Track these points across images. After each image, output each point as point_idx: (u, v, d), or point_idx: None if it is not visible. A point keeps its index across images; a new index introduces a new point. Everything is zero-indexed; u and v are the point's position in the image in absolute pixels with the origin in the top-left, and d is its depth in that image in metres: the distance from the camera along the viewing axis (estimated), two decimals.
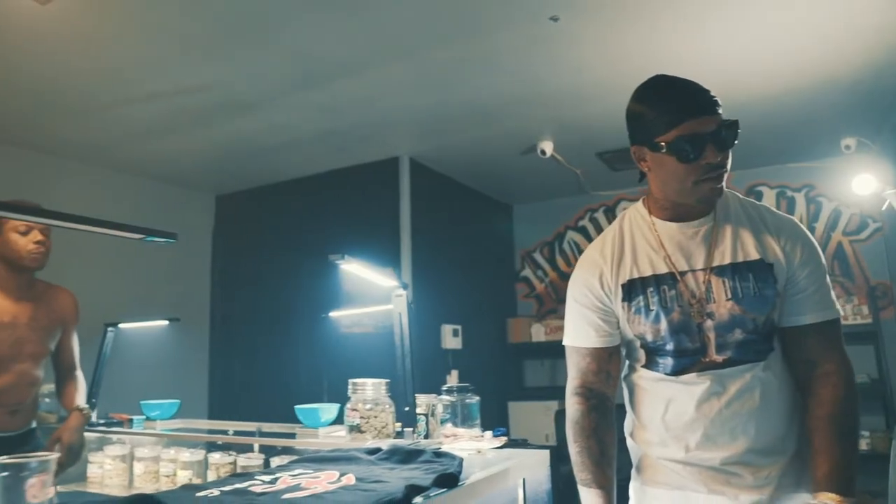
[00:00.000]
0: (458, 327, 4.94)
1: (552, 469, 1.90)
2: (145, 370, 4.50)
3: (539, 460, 1.86)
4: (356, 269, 2.14)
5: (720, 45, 3.19)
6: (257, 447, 2.52)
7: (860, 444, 2.59)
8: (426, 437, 2.21)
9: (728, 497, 1.35)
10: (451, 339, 4.83)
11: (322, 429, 2.44)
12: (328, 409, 2.49)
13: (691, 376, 1.37)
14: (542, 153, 4.50)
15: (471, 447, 1.86)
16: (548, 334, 5.52)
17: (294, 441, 2.45)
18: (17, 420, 2.37)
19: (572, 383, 1.50)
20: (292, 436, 2.50)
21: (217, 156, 4.66)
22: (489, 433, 2.04)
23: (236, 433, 2.73)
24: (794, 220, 1.43)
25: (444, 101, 3.84)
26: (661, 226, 1.43)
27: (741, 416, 1.34)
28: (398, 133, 4.35)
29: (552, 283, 5.97)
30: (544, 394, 5.39)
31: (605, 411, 1.47)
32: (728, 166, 1.32)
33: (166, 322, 3.49)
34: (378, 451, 1.61)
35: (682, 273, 1.39)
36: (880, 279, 4.76)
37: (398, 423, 2.28)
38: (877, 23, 2.99)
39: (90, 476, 2.70)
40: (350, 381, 2.24)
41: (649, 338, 1.40)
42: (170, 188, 5.24)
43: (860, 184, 4.33)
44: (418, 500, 1.19)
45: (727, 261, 1.37)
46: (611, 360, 1.48)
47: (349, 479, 1.34)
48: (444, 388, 2.18)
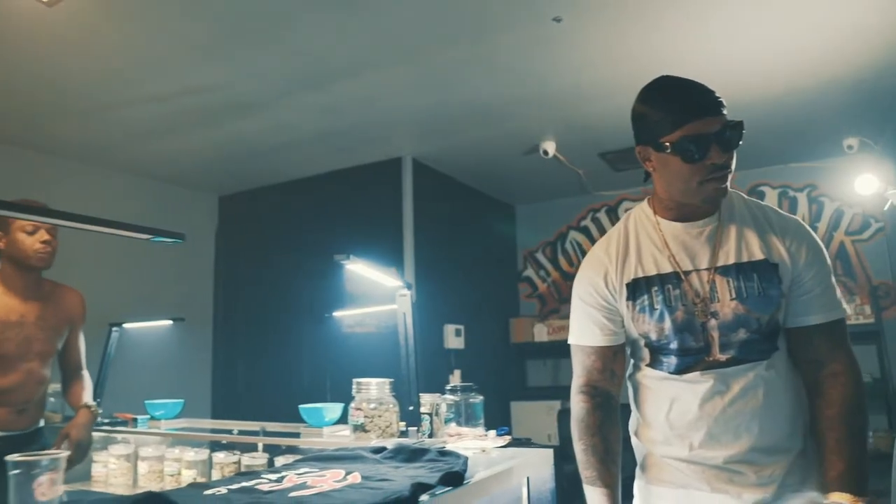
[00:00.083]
0: (461, 327, 4.94)
1: (556, 468, 1.91)
2: (149, 370, 4.52)
3: (543, 459, 1.87)
4: (361, 269, 2.15)
5: (722, 45, 3.19)
6: (261, 446, 2.53)
7: None
8: (430, 436, 2.21)
9: (731, 496, 1.35)
10: (453, 338, 4.84)
11: (326, 428, 2.44)
12: (332, 409, 2.50)
13: (695, 375, 1.37)
14: (545, 153, 4.50)
15: (475, 446, 1.87)
16: (550, 334, 5.51)
17: (298, 440, 2.46)
18: (25, 419, 2.37)
19: (577, 381, 1.51)
20: (297, 435, 2.50)
21: (220, 156, 4.67)
22: (493, 432, 2.04)
23: (240, 433, 2.73)
24: (800, 220, 1.43)
25: (447, 102, 3.84)
26: (666, 225, 1.44)
27: (744, 415, 1.34)
28: (401, 133, 4.36)
29: (554, 283, 5.97)
30: (547, 394, 5.39)
31: (610, 409, 1.48)
32: (733, 167, 1.33)
33: (170, 322, 3.50)
34: (383, 449, 1.61)
35: (687, 272, 1.39)
36: (883, 279, 4.76)
37: (402, 423, 2.29)
38: (879, 23, 2.99)
39: (95, 475, 2.71)
40: (354, 380, 2.25)
41: (653, 337, 1.40)
42: (173, 189, 5.24)
43: (863, 184, 4.33)
44: (425, 497, 1.20)
45: (731, 261, 1.37)
46: (615, 359, 1.49)
47: (355, 478, 1.35)
48: (448, 387, 2.19)
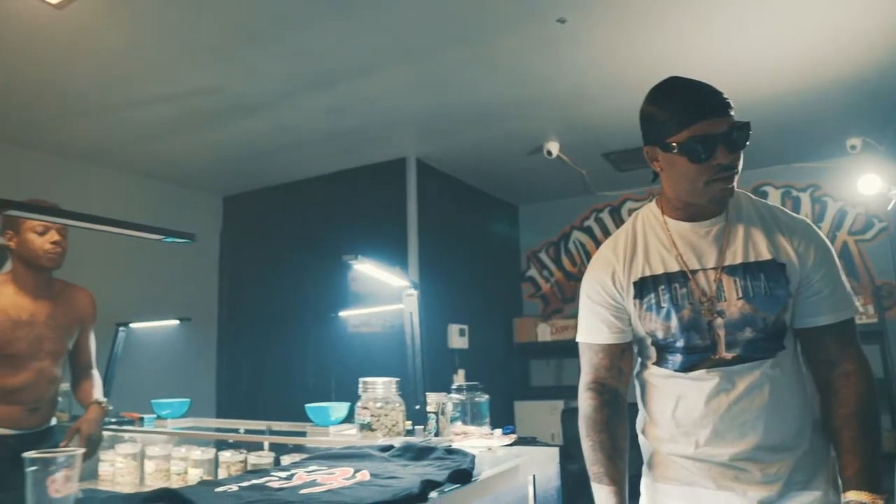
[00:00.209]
0: (465, 327, 4.95)
1: (560, 467, 1.92)
2: (155, 369, 4.53)
3: (548, 458, 1.88)
4: (368, 269, 2.16)
5: (726, 45, 3.20)
6: (267, 445, 2.54)
7: None
8: (436, 434, 2.23)
9: (737, 493, 1.36)
10: (457, 338, 4.84)
11: (332, 427, 2.46)
12: (338, 408, 2.51)
13: (700, 373, 1.38)
14: (549, 154, 4.51)
15: (481, 445, 1.88)
16: (553, 334, 5.50)
17: (305, 439, 2.48)
18: (37, 417, 2.39)
19: (585, 379, 1.52)
20: (303, 434, 2.51)
21: (224, 157, 4.68)
22: (499, 431, 2.05)
23: (247, 432, 2.75)
24: (808, 221, 1.44)
25: (451, 102, 3.85)
26: (674, 225, 1.45)
27: (750, 413, 1.35)
28: (405, 134, 4.37)
29: (558, 283, 5.98)
30: (550, 393, 5.40)
31: (618, 406, 1.49)
32: (739, 167, 1.34)
33: (177, 322, 3.52)
34: (390, 448, 1.63)
35: (694, 272, 1.40)
36: (886, 279, 4.75)
37: (408, 422, 2.31)
38: (881, 23, 3.00)
39: (101, 474, 2.72)
40: (361, 379, 2.26)
41: (660, 335, 1.42)
42: (177, 189, 5.26)
43: (866, 184, 4.33)
44: (434, 494, 1.21)
45: (738, 260, 1.38)
46: (623, 357, 1.50)
47: (364, 475, 1.36)
48: (454, 386, 2.20)
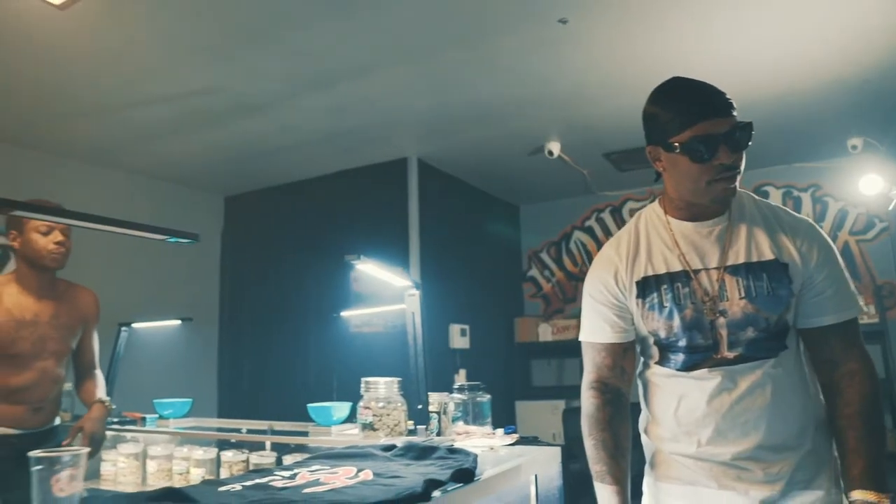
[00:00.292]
0: (466, 327, 4.95)
1: (562, 467, 1.93)
2: (157, 369, 4.54)
3: (550, 457, 1.89)
4: (371, 269, 2.17)
5: (727, 45, 3.20)
6: (269, 445, 2.55)
7: None
8: (438, 434, 2.23)
9: (739, 492, 1.36)
10: (458, 338, 4.85)
11: (334, 427, 2.46)
12: (340, 408, 2.52)
13: (703, 372, 1.39)
14: (550, 154, 4.51)
15: (483, 444, 1.88)
16: (555, 334, 5.51)
17: (307, 439, 2.48)
18: (40, 417, 2.39)
19: (588, 377, 1.53)
20: (305, 434, 2.52)
21: (226, 157, 4.69)
22: (500, 430, 2.06)
23: (249, 431, 2.75)
24: (811, 221, 1.44)
25: (453, 102, 3.85)
26: (677, 225, 1.45)
27: (752, 412, 1.35)
28: (406, 134, 4.37)
29: (559, 283, 5.99)
30: (551, 393, 5.41)
31: (620, 405, 1.49)
32: (742, 167, 1.34)
33: (179, 322, 3.53)
34: (393, 447, 1.63)
35: (696, 271, 1.40)
36: (887, 278, 4.76)
37: (410, 421, 2.31)
38: (883, 24, 3.00)
39: (104, 474, 2.73)
40: (363, 379, 2.26)
41: (662, 334, 1.42)
42: (178, 189, 5.26)
43: (867, 184, 4.34)
44: (437, 493, 1.22)
45: (741, 260, 1.38)
46: (625, 356, 1.51)
47: (367, 475, 1.37)
48: (456, 386, 2.20)
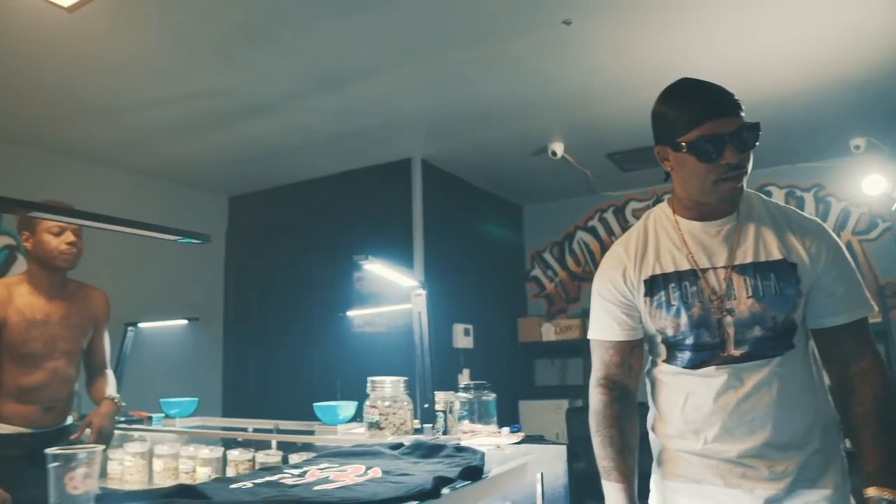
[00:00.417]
0: (470, 326, 4.96)
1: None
2: (162, 369, 4.55)
3: (556, 455, 1.90)
4: (379, 269, 2.18)
5: (730, 46, 3.21)
6: (275, 444, 2.56)
7: None
8: (444, 433, 2.25)
9: (744, 490, 1.37)
10: (462, 338, 4.86)
11: (340, 426, 2.48)
12: (346, 407, 2.53)
13: (710, 369, 1.40)
14: (553, 154, 4.52)
15: (489, 443, 1.90)
16: (558, 334, 5.51)
17: (313, 438, 2.50)
18: (52, 417, 2.41)
19: (596, 375, 1.55)
20: (311, 433, 2.54)
21: (231, 158, 4.70)
22: (506, 429, 2.07)
23: (255, 430, 2.77)
24: (819, 221, 1.46)
25: (457, 104, 3.87)
26: (685, 224, 1.47)
27: (759, 410, 1.36)
28: (410, 135, 4.38)
29: (562, 283, 6.00)
30: (555, 392, 5.42)
31: (628, 402, 1.51)
32: (749, 168, 1.36)
33: (185, 321, 3.55)
34: (400, 446, 1.65)
35: (704, 270, 1.42)
36: (890, 278, 4.76)
37: (415, 420, 2.32)
38: (885, 24, 3.01)
39: (110, 473, 2.74)
40: (369, 378, 2.27)
41: (670, 332, 1.43)
42: (182, 189, 5.27)
43: (870, 184, 4.35)
44: (445, 491, 1.23)
45: (749, 259, 1.40)
46: (633, 353, 1.52)
47: (376, 472, 1.38)
48: (462, 385, 2.22)
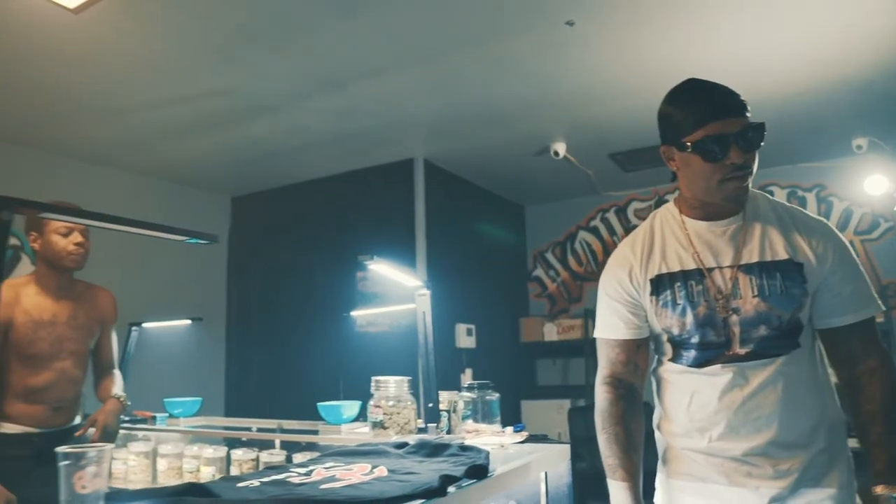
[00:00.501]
0: (472, 326, 4.97)
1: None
2: (166, 369, 4.56)
3: (560, 455, 1.91)
4: (383, 269, 2.19)
5: (732, 47, 3.22)
6: (279, 443, 2.57)
7: None
8: (448, 432, 2.25)
9: (749, 489, 1.38)
10: (464, 338, 4.87)
11: (344, 425, 2.49)
12: (350, 406, 2.54)
13: (714, 368, 1.41)
14: (556, 154, 4.53)
15: (493, 442, 1.91)
16: (560, 334, 5.52)
17: (317, 437, 2.51)
18: (61, 417, 2.42)
19: (602, 373, 1.56)
20: (315, 432, 2.55)
21: (234, 158, 4.71)
22: (510, 429, 2.08)
23: (259, 430, 2.78)
24: (826, 222, 1.46)
25: (459, 104, 3.87)
26: (691, 224, 1.48)
27: (764, 409, 1.37)
28: (413, 135, 4.39)
29: (564, 283, 6.00)
30: (557, 392, 5.43)
31: (633, 401, 1.52)
32: (754, 168, 1.37)
33: (189, 321, 3.56)
34: (405, 445, 1.66)
35: (710, 269, 1.43)
36: (892, 278, 4.77)
37: (419, 420, 2.33)
38: (888, 24, 3.02)
39: (114, 472, 2.74)
40: (373, 378, 2.28)
41: (675, 331, 1.44)
42: (185, 190, 5.28)
43: (872, 184, 4.36)
44: (451, 489, 1.24)
45: (755, 259, 1.40)
46: (639, 352, 1.53)
47: (381, 471, 1.39)
48: (465, 385, 2.23)
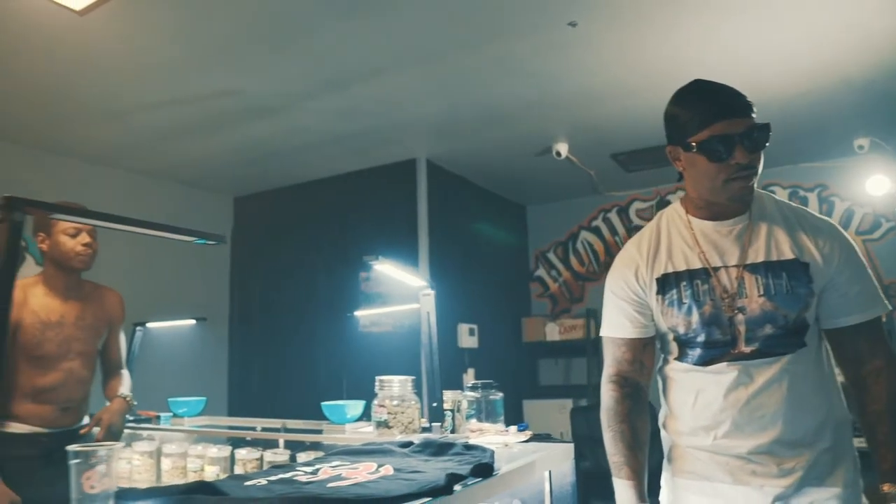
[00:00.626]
0: (474, 326, 4.98)
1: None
2: (169, 369, 4.57)
3: (563, 454, 1.92)
4: (388, 269, 2.20)
5: (733, 47, 3.22)
6: (282, 443, 2.58)
7: None
8: (452, 431, 2.26)
9: (753, 487, 1.39)
10: (467, 338, 4.88)
11: (348, 425, 2.50)
12: (354, 406, 2.55)
13: (720, 366, 1.42)
14: (557, 155, 4.53)
15: (497, 441, 1.92)
16: (562, 333, 5.53)
17: (321, 437, 2.52)
18: (69, 417, 2.42)
19: (607, 371, 1.57)
20: (319, 432, 2.56)
21: (236, 159, 4.72)
22: (514, 428, 2.09)
23: (263, 430, 2.79)
24: (832, 222, 1.47)
25: (462, 104, 3.88)
26: (697, 224, 1.49)
27: (769, 407, 1.38)
28: (415, 135, 4.40)
29: (566, 283, 6.01)
30: (558, 392, 5.45)
31: (639, 399, 1.53)
32: (760, 168, 1.38)
33: (193, 321, 3.57)
34: (410, 444, 1.67)
35: (716, 269, 1.43)
36: (894, 278, 4.77)
37: (423, 419, 2.34)
38: (890, 25, 3.02)
39: (119, 471, 2.77)
40: (377, 378, 2.29)
41: (681, 330, 1.45)
42: (188, 190, 5.29)
43: (874, 184, 4.36)
44: (457, 487, 1.25)
45: (761, 259, 1.41)
46: (645, 351, 1.54)
47: (387, 470, 1.40)
48: (469, 384, 2.24)
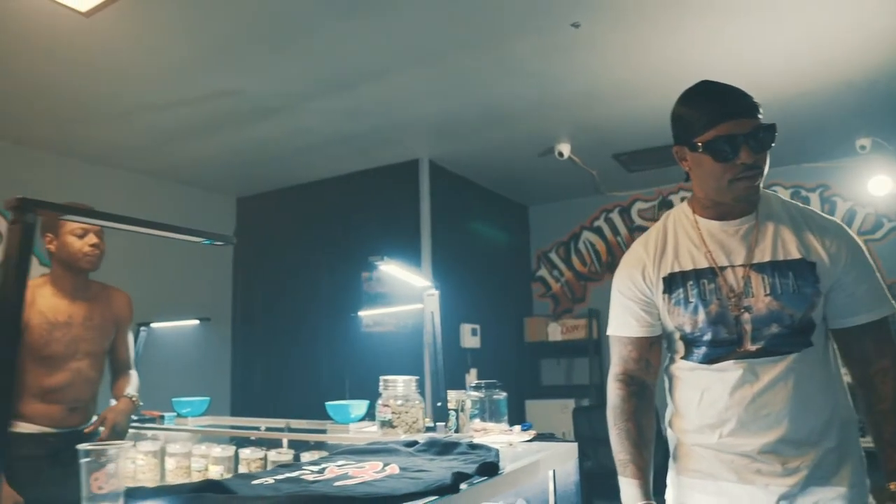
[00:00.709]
0: (477, 326, 4.99)
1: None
2: (173, 369, 4.58)
3: (567, 453, 1.92)
4: (393, 270, 2.21)
5: (736, 48, 3.23)
6: (286, 443, 2.59)
7: None
8: (456, 431, 2.27)
9: (758, 486, 1.40)
10: (469, 338, 4.89)
11: (353, 424, 2.50)
12: (358, 406, 2.55)
13: (725, 364, 1.42)
14: (560, 155, 4.54)
15: (501, 440, 1.92)
16: (564, 333, 5.54)
17: (325, 436, 2.52)
18: (77, 417, 2.44)
19: (614, 370, 1.58)
20: (323, 431, 2.56)
21: (239, 159, 4.73)
22: (518, 427, 2.09)
23: (267, 429, 2.79)
24: (839, 222, 1.48)
25: (464, 105, 3.89)
26: (704, 224, 1.50)
27: (774, 406, 1.38)
28: (418, 136, 4.41)
29: (568, 283, 6.02)
30: (561, 392, 5.46)
31: (645, 397, 1.54)
32: (765, 168, 1.39)
33: (197, 322, 3.58)
34: (415, 443, 1.67)
35: (722, 268, 1.44)
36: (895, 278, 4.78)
37: (427, 418, 2.35)
38: (891, 25, 3.03)
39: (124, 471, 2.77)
40: (381, 377, 2.30)
41: (688, 329, 1.46)
42: (191, 191, 5.30)
43: (876, 184, 4.37)
44: (463, 486, 1.26)
45: (767, 258, 1.42)
46: (651, 350, 1.55)
47: (393, 469, 1.41)
48: (473, 384, 2.24)
